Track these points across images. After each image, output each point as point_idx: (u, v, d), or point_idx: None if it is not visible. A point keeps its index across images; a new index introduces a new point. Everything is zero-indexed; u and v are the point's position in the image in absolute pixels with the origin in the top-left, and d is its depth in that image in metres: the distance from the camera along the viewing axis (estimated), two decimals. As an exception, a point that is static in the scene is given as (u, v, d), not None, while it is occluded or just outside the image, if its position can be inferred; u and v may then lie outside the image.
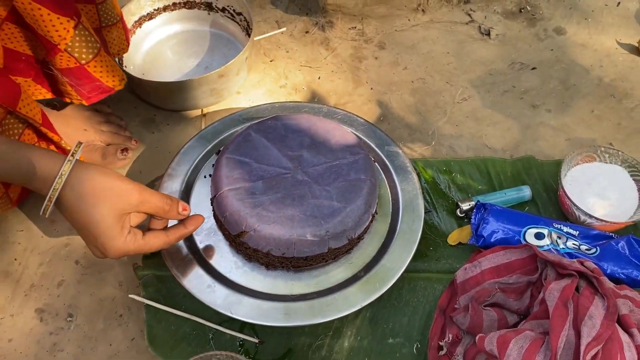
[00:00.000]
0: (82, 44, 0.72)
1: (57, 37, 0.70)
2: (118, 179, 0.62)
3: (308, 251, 0.71)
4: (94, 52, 0.75)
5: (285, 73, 1.07)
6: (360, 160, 0.77)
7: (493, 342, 0.65)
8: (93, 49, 0.74)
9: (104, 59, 0.77)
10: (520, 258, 0.76)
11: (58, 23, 0.68)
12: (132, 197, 0.62)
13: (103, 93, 0.82)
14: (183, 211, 0.68)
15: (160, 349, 0.74)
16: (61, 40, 0.70)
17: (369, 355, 0.75)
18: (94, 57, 0.75)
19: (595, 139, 0.99)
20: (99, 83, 0.79)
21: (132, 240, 0.63)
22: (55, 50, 0.71)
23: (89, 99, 0.81)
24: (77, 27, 0.70)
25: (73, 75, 0.76)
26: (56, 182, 0.59)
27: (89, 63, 0.75)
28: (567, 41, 1.13)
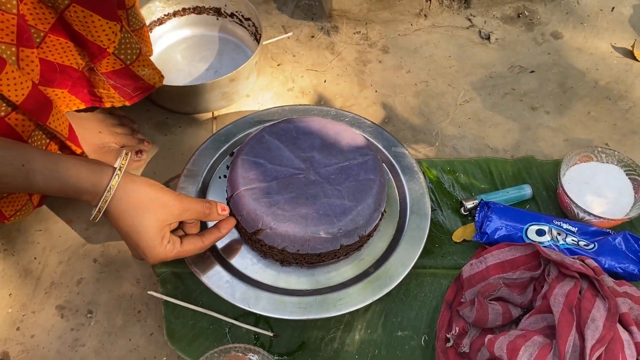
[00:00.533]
0: (127, 46, 0.77)
1: (107, 41, 0.74)
2: (161, 191, 0.67)
3: (321, 248, 0.74)
4: (136, 53, 0.79)
5: (292, 77, 1.10)
6: (370, 161, 0.80)
7: (503, 348, 0.68)
8: (136, 50, 0.79)
9: (145, 59, 0.82)
10: (524, 255, 0.79)
11: (107, 27, 0.73)
12: (174, 208, 0.67)
13: (145, 92, 0.88)
14: (223, 212, 0.73)
15: (179, 344, 0.77)
16: (110, 44, 0.75)
17: (379, 347, 0.79)
18: (137, 58, 0.80)
19: (592, 140, 1.02)
20: (142, 82, 0.84)
21: (170, 249, 0.68)
22: (105, 54, 0.76)
23: (132, 99, 0.87)
24: (122, 30, 0.75)
25: (118, 77, 0.81)
26: (105, 195, 0.63)
27: (133, 63, 0.80)
28: (564, 45, 1.17)
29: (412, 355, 0.78)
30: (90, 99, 0.87)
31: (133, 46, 0.79)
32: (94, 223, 0.90)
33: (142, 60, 0.82)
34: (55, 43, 0.74)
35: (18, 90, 0.67)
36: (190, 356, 0.77)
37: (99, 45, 0.75)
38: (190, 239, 0.71)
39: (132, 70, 0.82)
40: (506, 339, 0.69)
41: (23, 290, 0.83)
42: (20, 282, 0.84)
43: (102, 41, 0.75)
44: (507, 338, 0.69)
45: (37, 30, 0.71)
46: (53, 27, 0.72)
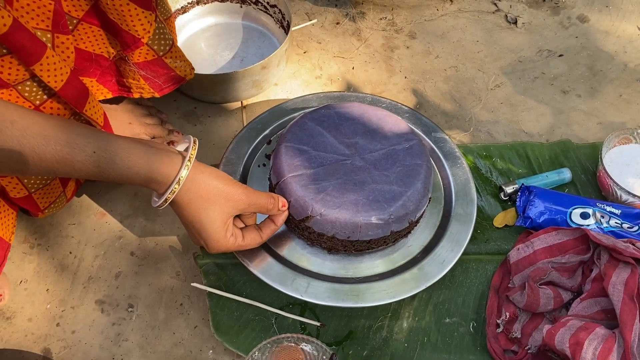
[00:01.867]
0: (161, 36, 0.76)
1: (142, 30, 0.72)
2: (230, 184, 0.65)
3: (372, 234, 0.73)
4: (169, 44, 0.77)
5: (320, 64, 1.08)
6: (415, 146, 0.79)
7: (565, 342, 0.67)
8: (169, 41, 0.77)
9: (177, 50, 0.80)
10: (573, 238, 0.79)
11: (143, 17, 0.71)
12: (240, 201, 0.66)
13: (176, 83, 0.85)
14: (283, 207, 0.72)
15: (226, 336, 0.76)
16: (145, 34, 0.73)
17: (428, 334, 0.78)
18: (169, 49, 0.78)
19: (626, 122, 1.02)
20: (174, 73, 0.82)
21: (233, 242, 0.67)
22: (138, 44, 0.74)
23: (162, 90, 0.85)
24: (156, 20, 0.73)
25: (149, 68, 0.79)
26: (173, 186, 0.61)
27: (165, 54, 0.78)
28: (591, 28, 1.16)
29: (462, 341, 0.77)
30: (118, 88, 0.85)
31: (166, 37, 0.77)
32: (128, 216, 0.88)
33: (175, 52, 0.81)
34: (87, 30, 0.73)
35: (57, 76, 0.65)
36: (238, 348, 0.75)
37: (133, 35, 0.73)
38: (251, 233, 0.69)
39: (164, 62, 0.80)
40: (567, 331, 0.67)
41: (60, 285, 0.81)
42: (57, 277, 0.82)
43: (137, 31, 0.73)
44: (568, 331, 0.67)
45: (70, 17, 0.69)
46: (87, 14, 0.70)
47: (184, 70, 0.85)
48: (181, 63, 0.83)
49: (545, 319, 0.77)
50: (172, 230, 0.86)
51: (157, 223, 0.87)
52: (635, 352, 0.65)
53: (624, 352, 0.65)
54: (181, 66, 0.84)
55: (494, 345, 0.76)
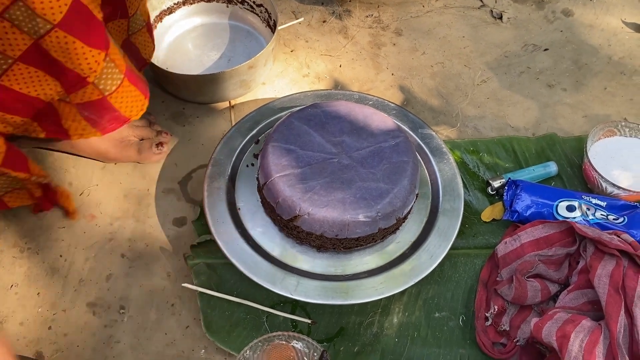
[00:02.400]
0: (108, 75, 0.71)
1: (88, 69, 0.67)
2: None
3: (360, 232, 0.74)
4: (117, 82, 0.73)
5: (307, 62, 1.08)
6: (401, 143, 0.79)
7: (552, 335, 0.68)
8: (117, 80, 0.73)
9: (125, 89, 0.75)
10: (559, 231, 0.79)
11: (90, 55, 0.66)
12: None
13: (119, 123, 0.81)
14: None
15: (217, 335, 0.76)
16: (91, 73, 0.68)
17: (418, 329, 0.78)
18: (116, 88, 0.73)
19: (610, 115, 1.03)
20: (118, 113, 0.78)
21: None
22: (84, 83, 0.69)
23: (104, 130, 0.81)
24: (105, 59, 0.69)
25: (93, 108, 0.75)
26: None
27: (111, 94, 0.73)
28: (575, 22, 1.17)
29: (452, 335, 0.78)
30: (54, 129, 0.79)
31: (115, 76, 0.72)
32: (118, 217, 0.88)
33: (122, 91, 0.75)
34: (23, 72, 0.67)
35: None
36: (230, 347, 0.76)
37: (79, 74, 0.68)
38: None
39: (109, 102, 0.75)
40: (554, 324, 0.68)
41: (51, 288, 0.82)
42: (47, 280, 0.82)
43: (83, 69, 0.67)
44: (555, 324, 0.68)
45: (4, 56, 0.64)
46: (24, 54, 0.64)
47: (130, 111, 0.79)
48: (128, 103, 0.78)
49: (533, 311, 0.78)
50: (162, 232, 0.87)
51: (147, 224, 0.87)
52: (621, 343, 0.66)
53: (610, 344, 0.66)
54: (126, 106, 0.78)
55: (483, 339, 0.77)
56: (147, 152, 0.92)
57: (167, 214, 0.88)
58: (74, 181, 0.91)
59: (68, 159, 0.93)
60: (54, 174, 0.92)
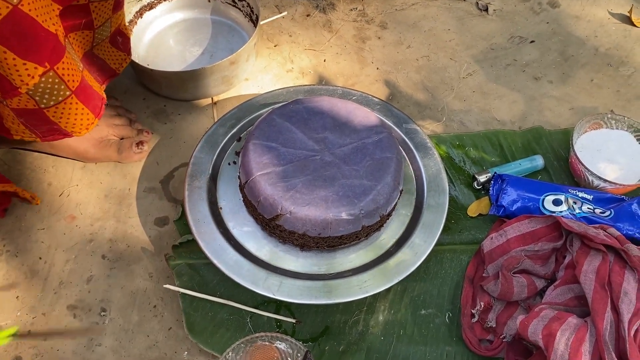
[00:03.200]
0: (47, 90, 0.68)
1: (19, 81, 0.65)
2: None
3: (343, 230, 0.72)
4: (58, 99, 0.70)
5: (291, 57, 1.07)
6: (385, 139, 0.78)
7: (538, 333, 0.67)
8: (58, 97, 0.69)
9: (70, 106, 0.72)
10: (545, 226, 0.79)
11: (23, 68, 0.63)
12: None
13: (61, 135, 0.78)
14: None
15: (200, 337, 0.75)
16: (23, 85, 0.65)
17: (404, 327, 0.78)
18: (56, 104, 0.70)
19: (597, 107, 1.02)
20: (57, 127, 0.75)
21: None
22: (15, 93, 0.67)
23: (45, 138, 0.78)
24: (45, 74, 0.66)
25: (30, 117, 0.72)
26: None
27: (48, 108, 0.70)
28: (562, 14, 1.16)
29: (438, 332, 0.77)
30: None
31: (56, 92, 0.69)
32: (99, 218, 0.86)
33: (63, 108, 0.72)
34: None
35: None
36: (213, 348, 0.75)
37: (10, 82, 0.65)
38: None
39: (45, 114, 0.71)
40: (540, 322, 0.67)
41: (31, 292, 0.80)
42: (26, 283, 0.81)
43: (14, 79, 0.64)
44: (541, 322, 0.67)
45: None
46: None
47: (72, 127, 0.76)
48: (69, 119, 0.74)
49: (520, 307, 0.77)
50: (143, 232, 0.85)
51: (128, 225, 0.86)
52: (607, 340, 0.65)
53: (597, 341, 0.65)
54: (67, 122, 0.74)
55: (469, 335, 0.76)
56: (128, 152, 0.90)
57: (148, 213, 0.87)
58: (54, 181, 0.89)
59: (47, 159, 0.92)
60: (32, 174, 0.90)
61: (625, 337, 0.66)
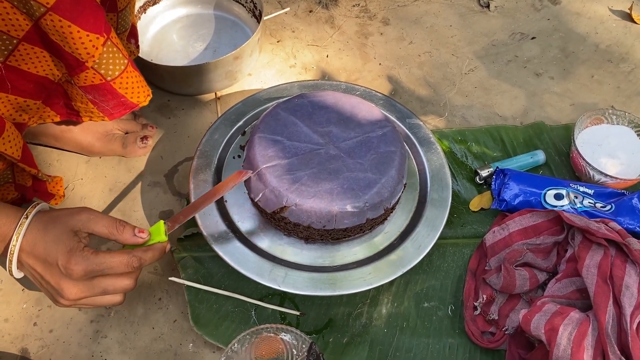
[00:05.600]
0: (110, 60, 0.69)
1: (86, 54, 0.66)
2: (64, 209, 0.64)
3: (348, 222, 0.73)
4: (120, 68, 0.71)
5: (294, 53, 1.07)
6: (389, 133, 0.79)
7: (540, 328, 0.67)
8: (120, 65, 0.71)
9: (130, 75, 0.74)
10: (547, 220, 0.79)
11: (87, 40, 0.65)
12: (81, 214, 0.63)
13: (127, 109, 0.79)
14: (140, 233, 0.65)
15: (205, 329, 0.76)
16: (89, 58, 0.67)
17: (407, 319, 0.78)
18: (120, 74, 0.72)
19: (598, 103, 1.03)
20: (124, 99, 0.76)
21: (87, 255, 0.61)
22: (82, 67, 0.68)
23: (112, 115, 0.79)
24: (105, 44, 0.67)
25: (97, 92, 0.73)
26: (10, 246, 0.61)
27: (114, 80, 0.72)
28: (562, 10, 1.17)
29: (441, 324, 0.78)
30: (66, 112, 0.79)
31: (117, 61, 0.71)
32: (104, 211, 0.87)
33: (127, 77, 0.74)
34: (29, 52, 0.66)
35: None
36: (218, 340, 0.75)
37: (77, 58, 0.67)
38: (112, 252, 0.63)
39: (112, 87, 0.73)
40: (542, 317, 0.68)
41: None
42: (32, 276, 0.81)
43: (81, 54, 0.66)
44: (544, 316, 0.68)
45: (9, 37, 0.63)
46: (27, 34, 0.64)
47: (137, 97, 0.78)
48: (133, 89, 0.76)
49: (522, 300, 0.78)
50: (148, 225, 0.86)
51: (132, 218, 0.86)
52: (610, 333, 0.66)
53: (599, 335, 0.66)
54: (133, 92, 0.76)
55: (472, 328, 0.77)
56: (132, 146, 0.90)
57: (153, 207, 0.87)
58: (58, 175, 0.90)
59: (52, 153, 0.92)
60: (37, 168, 0.90)
61: (628, 331, 0.66)
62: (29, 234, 0.61)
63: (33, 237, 0.61)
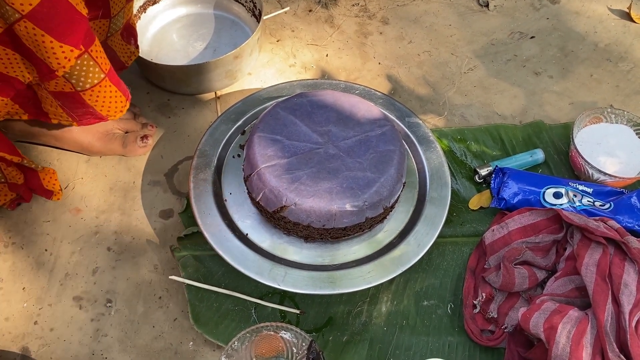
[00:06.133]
0: (82, 73, 0.69)
1: (57, 64, 0.66)
2: None
3: (347, 221, 0.73)
4: (93, 82, 0.71)
5: (293, 52, 1.08)
6: (388, 132, 0.79)
7: (539, 326, 0.68)
8: (94, 79, 0.71)
9: (104, 89, 0.73)
10: (546, 218, 0.80)
11: (60, 51, 0.65)
12: None
13: (96, 119, 0.79)
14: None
15: (206, 327, 0.76)
16: (60, 68, 0.67)
17: (407, 317, 0.78)
18: (92, 87, 0.71)
19: (597, 102, 1.03)
20: (92, 110, 0.76)
21: None
22: (52, 76, 0.68)
23: (80, 122, 0.79)
24: (80, 57, 0.67)
25: (66, 99, 0.73)
26: None
27: (84, 91, 0.71)
28: (561, 10, 1.17)
29: (440, 323, 0.78)
30: (34, 112, 0.79)
31: (91, 75, 0.70)
32: (104, 211, 0.87)
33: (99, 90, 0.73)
34: (1, 53, 0.66)
35: None
36: (218, 339, 0.75)
37: (48, 65, 0.67)
38: None
39: (82, 97, 0.72)
40: (541, 315, 0.68)
41: (37, 283, 0.81)
42: (33, 275, 0.81)
43: (52, 62, 0.66)
44: (543, 315, 0.68)
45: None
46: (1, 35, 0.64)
47: (107, 110, 0.77)
48: (104, 102, 0.75)
49: (521, 298, 0.78)
50: (148, 224, 0.86)
51: (133, 217, 0.87)
52: (609, 332, 0.66)
53: (598, 333, 0.66)
54: (103, 105, 0.76)
55: (471, 326, 0.77)
56: (132, 145, 0.91)
57: (153, 206, 0.88)
58: (58, 174, 0.90)
59: (52, 153, 0.92)
60: (37, 167, 0.91)
61: (626, 328, 0.67)
62: None
63: None
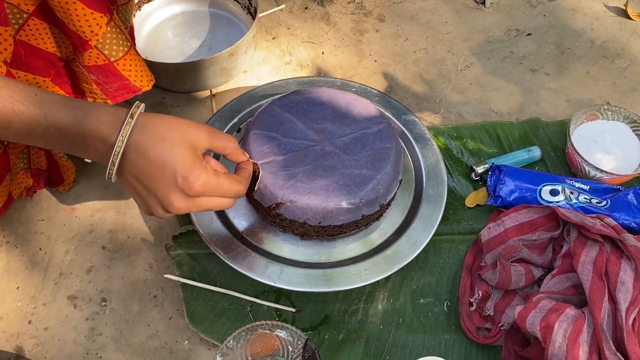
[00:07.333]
0: (113, 41, 0.71)
1: (90, 32, 0.68)
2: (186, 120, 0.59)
3: (343, 219, 0.73)
4: (124, 50, 0.73)
5: (289, 50, 1.07)
6: (384, 129, 0.78)
7: (536, 325, 0.67)
8: (124, 47, 0.72)
9: (134, 58, 0.75)
10: (542, 216, 0.79)
11: (92, 18, 0.66)
12: (202, 129, 0.59)
13: (130, 93, 0.79)
14: None
15: (201, 326, 0.76)
16: (93, 36, 0.68)
17: (403, 315, 0.78)
18: (123, 55, 0.73)
19: (593, 99, 1.03)
20: (127, 82, 0.77)
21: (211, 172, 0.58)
22: (86, 46, 0.69)
23: (115, 98, 0.78)
24: (109, 24, 0.68)
25: (101, 73, 0.74)
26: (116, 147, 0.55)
27: (118, 61, 0.73)
28: (558, 7, 1.17)
29: (437, 321, 0.78)
30: (72, 92, 0.79)
31: (121, 43, 0.72)
32: (99, 209, 0.87)
33: (130, 59, 0.75)
34: (39, 27, 0.68)
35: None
36: (213, 338, 0.75)
37: (80, 36, 0.68)
38: (228, 175, 0.62)
39: (115, 68, 0.74)
40: (538, 314, 0.68)
41: (31, 282, 0.80)
42: (27, 274, 0.81)
43: (84, 32, 0.67)
44: (539, 313, 0.68)
45: (20, 10, 0.64)
46: (37, 9, 0.65)
47: (140, 81, 0.78)
48: (137, 72, 0.77)
49: (518, 295, 0.78)
50: (143, 223, 0.86)
51: (128, 216, 0.86)
52: (605, 329, 0.66)
53: (594, 331, 0.66)
54: (136, 75, 0.77)
55: (467, 324, 0.77)
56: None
57: (148, 204, 0.87)
58: (53, 173, 0.89)
59: (46, 151, 0.92)
60: (31, 165, 0.90)
61: (623, 326, 0.66)
62: (135, 135, 0.56)
63: (143, 141, 0.56)
